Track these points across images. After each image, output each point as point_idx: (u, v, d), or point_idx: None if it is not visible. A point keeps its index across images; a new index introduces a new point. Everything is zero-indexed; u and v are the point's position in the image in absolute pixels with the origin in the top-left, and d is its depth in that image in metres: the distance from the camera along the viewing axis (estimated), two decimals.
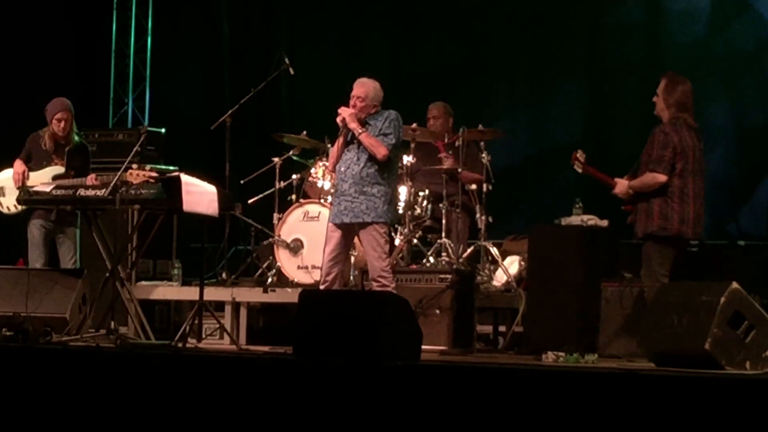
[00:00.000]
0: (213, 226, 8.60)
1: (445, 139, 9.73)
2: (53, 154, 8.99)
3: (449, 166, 9.45)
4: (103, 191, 8.25)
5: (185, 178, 8.11)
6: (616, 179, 7.83)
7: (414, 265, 9.19)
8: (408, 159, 9.26)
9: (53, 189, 8.56)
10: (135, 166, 8.31)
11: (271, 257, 9.62)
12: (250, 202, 10.00)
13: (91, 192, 8.39)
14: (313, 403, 6.13)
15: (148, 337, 8.52)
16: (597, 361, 7.52)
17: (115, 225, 9.10)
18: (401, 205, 9.15)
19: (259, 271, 9.84)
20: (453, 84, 11.75)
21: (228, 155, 9.62)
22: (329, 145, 9.17)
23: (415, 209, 9.29)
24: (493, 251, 9.45)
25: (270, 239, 9.62)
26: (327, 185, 9.36)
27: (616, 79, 11.39)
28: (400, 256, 9.24)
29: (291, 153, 9.96)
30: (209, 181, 8.34)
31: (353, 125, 8.11)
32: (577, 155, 7.98)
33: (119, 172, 8.15)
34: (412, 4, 12.24)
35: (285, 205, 9.71)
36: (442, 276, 8.67)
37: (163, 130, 10.74)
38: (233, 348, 8.33)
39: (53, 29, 12.27)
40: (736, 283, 6.65)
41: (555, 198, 10.23)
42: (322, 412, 6.08)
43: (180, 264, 10.26)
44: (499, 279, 9.39)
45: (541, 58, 11.91)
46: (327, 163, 9.04)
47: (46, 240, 8.96)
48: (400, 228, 9.24)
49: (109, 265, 8.43)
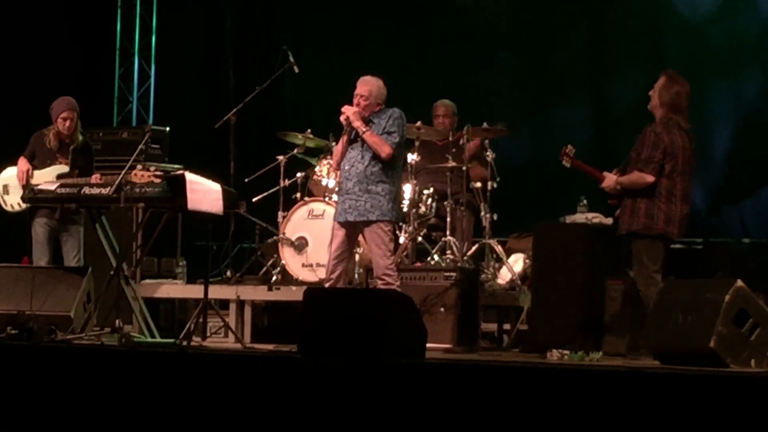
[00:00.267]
0: (217, 225, 8.60)
1: (450, 137, 9.73)
2: (57, 152, 8.99)
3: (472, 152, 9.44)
4: (107, 189, 8.27)
5: (190, 177, 8.11)
6: (605, 173, 7.84)
7: (418, 263, 9.20)
8: (413, 157, 9.25)
9: (58, 187, 8.56)
10: (140, 167, 8.31)
11: (275, 255, 9.63)
12: (254, 200, 10.00)
13: (95, 190, 8.40)
14: (318, 401, 6.13)
15: (152, 336, 8.53)
16: (602, 359, 7.52)
17: (119, 223, 9.09)
18: (406, 203, 9.15)
19: (264, 269, 9.85)
20: (457, 82, 11.74)
21: (232, 153, 9.61)
22: (333, 143, 9.16)
23: (419, 207, 9.29)
24: (498, 249, 9.45)
25: (274, 237, 9.63)
26: (332, 183, 9.36)
27: (621, 76, 11.37)
28: (405, 254, 9.23)
29: (295, 151, 9.96)
30: (214, 180, 8.34)
31: (357, 124, 8.10)
32: (567, 150, 7.98)
33: (124, 171, 8.16)
34: (416, 1, 12.23)
35: (289, 203, 9.71)
36: (447, 274, 8.66)
37: (167, 129, 10.74)
38: (238, 346, 8.33)
39: (57, 28, 12.27)
40: (740, 281, 6.65)
41: (560, 196, 10.20)
42: (327, 410, 6.08)
43: (184, 262, 10.28)
44: (504, 277, 9.38)
45: (546, 56, 11.90)
46: (331, 161, 9.04)
47: (50, 238, 8.96)
48: (404, 226, 9.23)
49: (114, 264, 8.45)
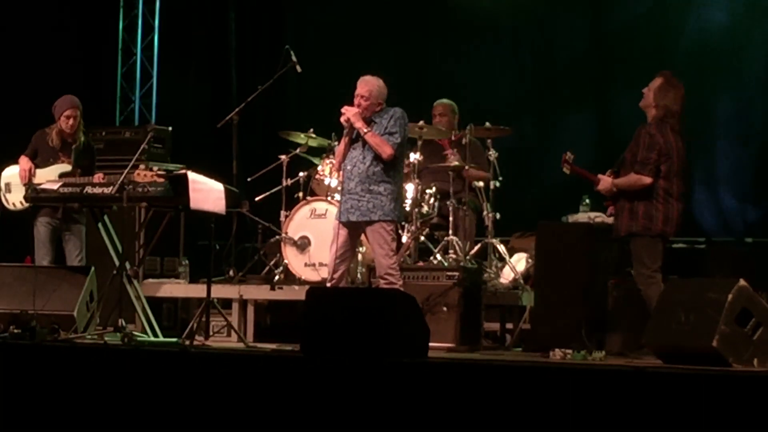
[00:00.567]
0: (220, 224, 8.60)
1: (452, 136, 9.73)
2: (60, 151, 8.98)
3: (457, 162, 9.43)
4: (110, 189, 8.27)
5: (192, 176, 8.12)
6: (599, 176, 7.87)
7: (421, 263, 9.19)
8: (415, 156, 9.25)
9: (60, 186, 8.57)
10: (142, 166, 8.31)
11: (278, 254, 9.63)
12: (257, 199, 10.00)
13: (98, 189, 8.41)
14: (321, 400, 6.14)
15: (155, 335, 8.54)
16: (604, 358, 7.52)
17: (122, 222, 9.09)
18: (408, 202, 9.14)
19: (267, 268, 9.84)
20: (459, 81, 11.74)
21: (235, 153, 9.61)
22: (336, 143, 9.15)
23: (422, 207, 9.28)
24: (501, 248, 9.44)
25: (277, 236, 9.63)
26: (334, 183, 9.36)
27: (623, 75, 11.36)
28: (408, 253, 9.23)
29: (298, 150, 9.95)
30: (216, 179, 8.35)
31: (359, 124, 8.09)
32: (566, 157, 8.00)
33: (126, 170, 8.17)
34: (418, 1, 12.24)
35: (292, 203, 9.70)
36: (450, 273, 8.65)
37: (170, 128, 10.73)
38: (240, 345, 8.32)
39: (60, 27, 12.27)
40: (743, 280, 6.65)
41: (562, 195, 10.19)
42: (330, 409, 6.09)
43: (187, 261, 10.28)
44: (507, 276, 9.38)
45: (548, 54, 11.90)
46: (334, 161, 9.04)
47: (53, 237, 8.95)
48: (407, 225, 9.22)
49: (117, 263, 8.46)
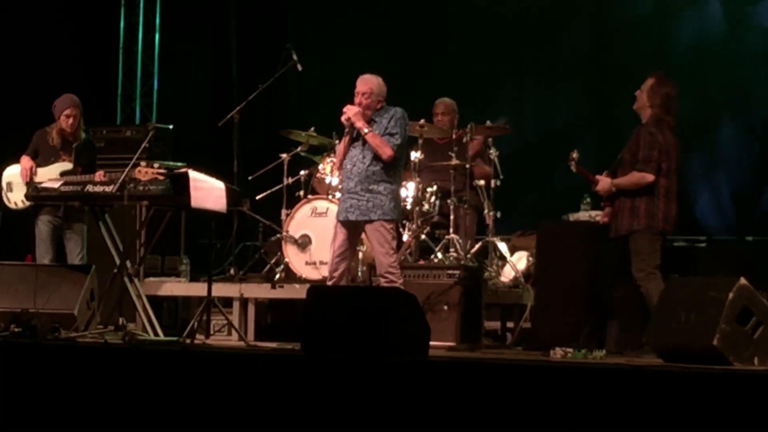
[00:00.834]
0: (221, 222, 8.60)
1: (453, 135, 9.73)
2: (60, 150, 8.99)
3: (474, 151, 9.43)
4: (111, 187, 8.27)
5: (193, 175, 8.12)
6: (597, 176, 7.88)
7: (422, 261, 9.19)
8: (416, 155, 9.25)
9: (61, 185, 8.57)
10: (143, 164, 8.31)
11: (279, 253, 9.62)
12: (258, 198, 10.00)
13: (99, 188, 8.41)
14: (321, 398, 6.14)
15: (156, 334, 8.53)
16: (605, 357, 7.52)
17: (123, 221, 9.09)
18: (409, 201, 9.14)
19: (267, 267, 9.85)
20: (460, 79, 11.75)
21: (236, 151, 9.62)
22: (337, 142, 9.15)
23: (423, 205, 9.28)
24: (501, 247, 9.45)
25: (278, 235, 9.63)
26: (335, 181, 9.35)
27: (624, 74, 11.36)
28: (408, 252, 9.23)
29: (299, 149, 9.95)
30: (217, 178, 8.35)
31: (359, 124, 8.08)
32: (573, 155, 8.02)
33: (127, 169, 8.17)
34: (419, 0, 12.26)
35: (293, 201, 9.70)
36: (450, 272, 8.65)
37: (171, 127, 10.73)
38: (241, 344, 8.31)
39: (61, 26, 12.28)
40: (744, 279, 6.65)
41: (563, 194, 10.21)
42: (330, 408, 6.09)
43: (188, 260, 10.28)
44: (507, 275, 9.38)
45: (549, 53, 11.91)
46: (334, 160, 9.04)
47: (54, 236, 8.96)
48: (408, 224, 9.23)
49: (118, 261, 8.45)
